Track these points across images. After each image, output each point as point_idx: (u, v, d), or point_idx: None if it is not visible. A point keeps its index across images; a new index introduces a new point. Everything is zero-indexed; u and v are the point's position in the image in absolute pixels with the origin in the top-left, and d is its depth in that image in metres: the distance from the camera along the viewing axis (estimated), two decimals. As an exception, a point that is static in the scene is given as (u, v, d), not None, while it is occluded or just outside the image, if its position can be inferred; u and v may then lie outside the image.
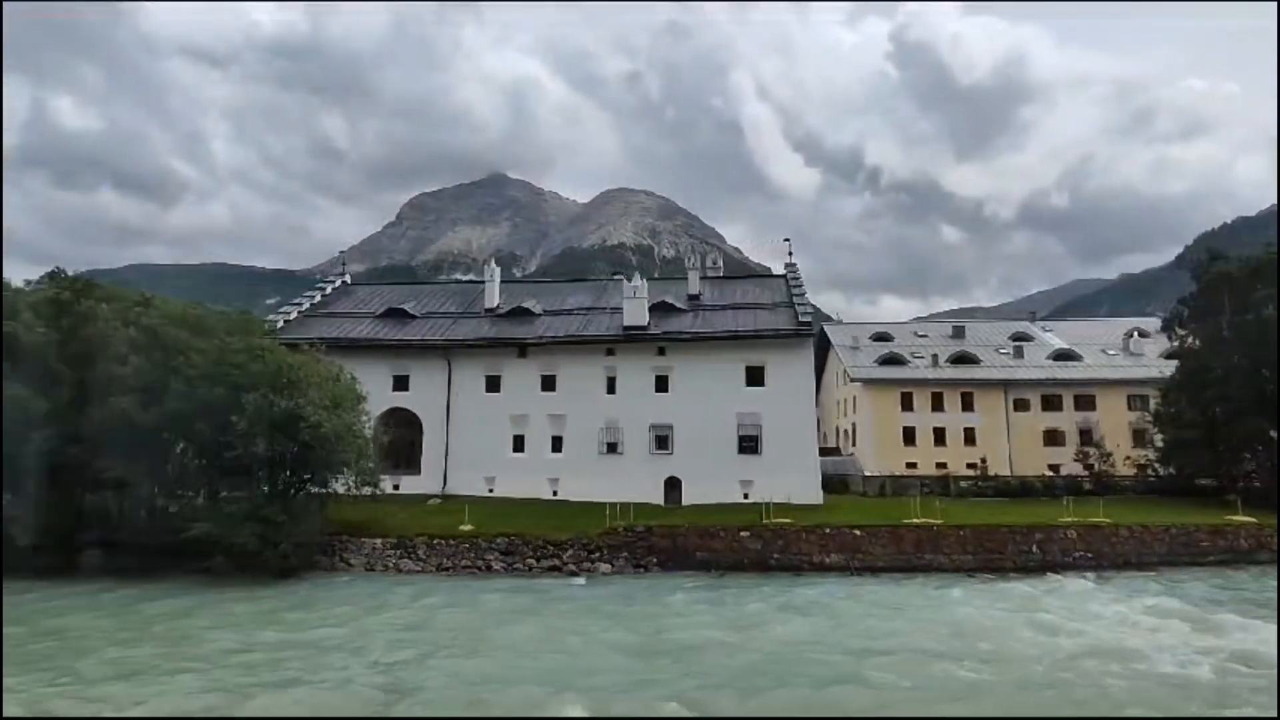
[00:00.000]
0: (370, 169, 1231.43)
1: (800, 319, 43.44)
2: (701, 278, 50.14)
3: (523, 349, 45.19)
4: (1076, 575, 32.24)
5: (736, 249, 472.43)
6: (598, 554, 34.10)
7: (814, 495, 40.59)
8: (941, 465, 56.92)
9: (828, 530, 34.42)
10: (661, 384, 43.84)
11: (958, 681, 18.72)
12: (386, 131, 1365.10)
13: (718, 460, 41.94)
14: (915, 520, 35.38)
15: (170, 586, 29.26)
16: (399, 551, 34.02)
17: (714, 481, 41.36)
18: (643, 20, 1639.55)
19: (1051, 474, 50.24)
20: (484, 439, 44.01)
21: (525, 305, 48.35)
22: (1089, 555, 33.86)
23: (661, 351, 44.27)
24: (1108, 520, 35.19)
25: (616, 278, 56.92)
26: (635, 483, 41.48)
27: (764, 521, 35.14)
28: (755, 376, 42.87)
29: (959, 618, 25.88)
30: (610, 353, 44.67)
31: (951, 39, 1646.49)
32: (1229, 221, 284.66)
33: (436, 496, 42.78)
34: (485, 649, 21.24)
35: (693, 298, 48.63)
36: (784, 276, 50.43)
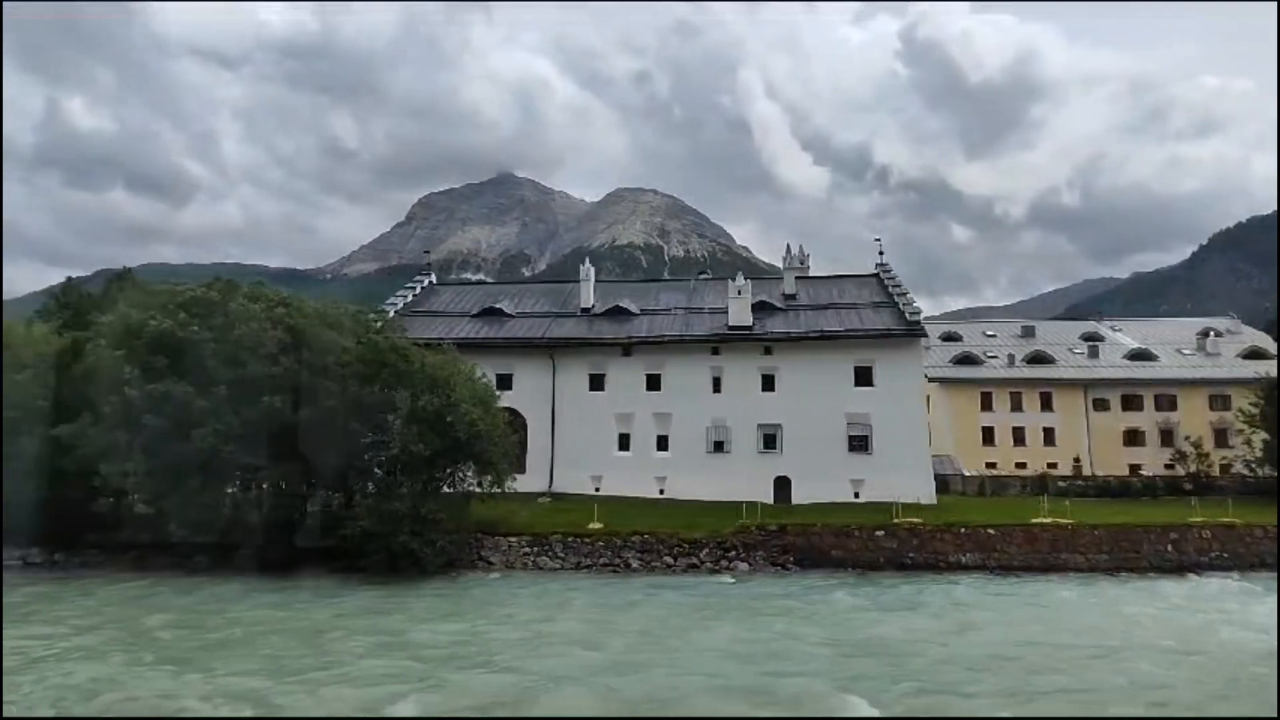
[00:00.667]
0: (379, 168, 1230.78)
1: (909, 318, 43.50)
2: (797, 277, 50.15)
3: (627, 348, 45.31)
4: (1216, 575, 32.46)
5: (745, 248, 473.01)
6: (734, 552, 34.17)
7: (928, 494, 40.67)
8: (1021, 465, 57.13)
9: (963, 530, 34.52)
10: (768, 383, 43.93)
11: (1166, 679, 18.81)
12: (396, 131, 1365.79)
13: (827, 459, 42.00)
14: (1045, 519, 35.48)
15: (325, 585, 29.24)
16: (536, 549, 34.08)
17: (824, 480, 41.46)
18: (651, 19, 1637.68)
19: (1149, 474, 50.32)
20: (589, 438, 44.17)
21: (623, 305, 48.47)
22: (1225, 555, 33.93)
23: (768, 351, 44.36)
24: (1239, 520, 35.28)
25: (703, 277, 57.09)
26: (743, 481, 41.54)
27: (894, 521, 35.27)
28: (863, 376, 42.93)
29: (1128, 616, 26.07)
30: (715, 352, 44.79)
31: (961, 36, 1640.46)
32: (1243, 220, 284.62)
33: (545, 495, 42.88)
34: (697, 650, 21.09)
35: (789, 297, 48.72)
36: (876, 275, 50.53)
